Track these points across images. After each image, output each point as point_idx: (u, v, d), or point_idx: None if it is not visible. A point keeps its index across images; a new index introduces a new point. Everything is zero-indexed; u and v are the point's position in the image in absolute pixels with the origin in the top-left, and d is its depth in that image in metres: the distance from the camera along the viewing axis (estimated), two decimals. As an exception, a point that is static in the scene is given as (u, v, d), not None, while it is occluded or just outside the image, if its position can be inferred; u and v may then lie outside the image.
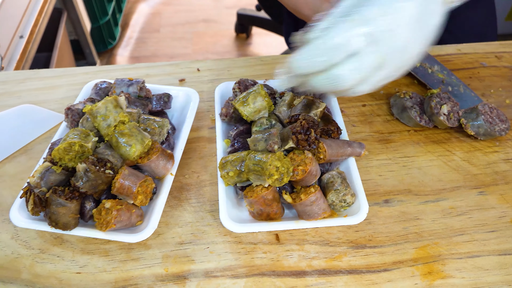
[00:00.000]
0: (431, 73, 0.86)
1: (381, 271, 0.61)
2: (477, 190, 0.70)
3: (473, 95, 0.84)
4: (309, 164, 0.62)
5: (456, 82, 0.86)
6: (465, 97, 0.84)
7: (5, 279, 0.60)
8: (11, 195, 0.70)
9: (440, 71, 0.88)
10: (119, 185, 0.61)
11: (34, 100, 0.86)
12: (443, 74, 0.87)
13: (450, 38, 1.03)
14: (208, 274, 0.60)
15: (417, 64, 0.86)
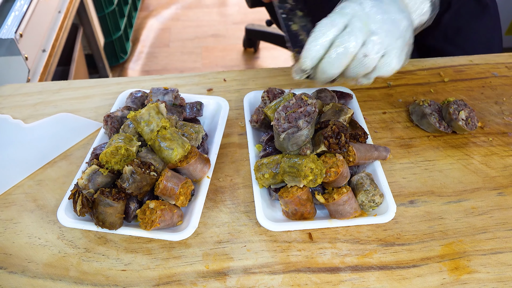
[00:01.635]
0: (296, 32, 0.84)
1: (410, 267, 0.64)
2: (496, 191, 0.74)
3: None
4: (341, 166, 0.66)
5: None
6: None
7: (54, 276, 0.64)
8: (54, 198, 0.74)
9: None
10: (163, 186, 0.65)
11: (70, 108, 0.90)
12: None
13: (458, 51, 1.08)
14: (247, 271, 0.64)
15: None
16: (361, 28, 0.61)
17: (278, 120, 0.68)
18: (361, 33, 0.61)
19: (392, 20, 0.63)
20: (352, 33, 0.61)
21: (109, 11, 2.32)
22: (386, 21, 0.63)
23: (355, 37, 0.61)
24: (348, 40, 0.61)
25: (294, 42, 0.79)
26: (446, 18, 1.04)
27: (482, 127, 0.85)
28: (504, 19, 2.46)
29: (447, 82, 0.96)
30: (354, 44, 0.61)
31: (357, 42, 0.61)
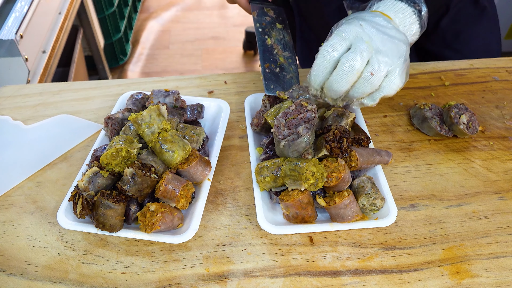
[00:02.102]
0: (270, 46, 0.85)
1: (411, 271, 0.64)
2: (497, 195, 0.74)
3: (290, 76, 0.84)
4: (343, 171, 0.66)
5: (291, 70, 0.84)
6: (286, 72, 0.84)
7: (54, 279, 0.63)
8: (54, 200, 0.74)
9: (286, 57, 0.85)
10: (164, 189, 0.65)
11: (71, 110, 0.90)
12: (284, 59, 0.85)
13: (456, 55, 1.08)
14: (247, 274, 0.64)
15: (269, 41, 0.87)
16: (366, 48, 0.64)
17: (278, 127, 0.67)
18: (366, 52, 0.63)
19: (393, 40, 0.66)
20: (357, 51, 0.63)
21: (109, 13, 2.32)
22: (387, 41, 0.65)
23: (360, 55, 0.63)
24: (354, 58, 0.63)
25: (265, 57, 0.81)
26: (444, 22, 1.04)
27: (483, 131, 0.85)
28: (503, 24, 2.47)
29: (448, 86, 0.96)
30: (360, 62, 0.63)
31: (363, 59, 0.63)
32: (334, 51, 0.65)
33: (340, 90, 0.66)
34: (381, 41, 0.65)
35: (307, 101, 0.69)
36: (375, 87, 0.65)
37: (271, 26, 0.86)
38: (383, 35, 0.66)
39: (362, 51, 0.63)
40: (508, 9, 2.41)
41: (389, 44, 0.65)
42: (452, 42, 1.07)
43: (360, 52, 0.63)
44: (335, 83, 0.66)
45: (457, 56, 1.07)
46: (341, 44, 0.65)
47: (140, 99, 0.83)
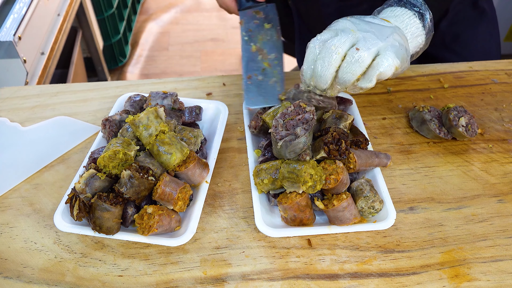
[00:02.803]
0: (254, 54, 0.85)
1: (410, 274, 0.63)
2: (497, 198, 0.74)
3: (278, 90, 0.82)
4: (341, 173, 0.65)
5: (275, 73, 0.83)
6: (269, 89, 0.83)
7: (50, 282, 0.63)
8: (51, 202, 0.73)
9: (271, 59, 0.85)
10: (161, 191, 0.64)
11: (68, 112, 0.90)
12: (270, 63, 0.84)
13: (455, 57, 1.08)
14: (245, 277, 0.63)
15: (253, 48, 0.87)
16: (350, 33, 0.65)
17: (276, 128, 0.67)
18: (351, 35, 0.65)
19: (378, 25, 0.67)
20: (341, 36, 0.65)
21: (108, 15, 2.32)
22: (374, 26, 0.66)
23: (344, 38, 0.65)
24: (339, 40, 0.64)
25: (248, 68, 0.82)
26: (443, 25, 1.04)
27: (482, 133, 0.85)
28: (502, 26, 2.48)
29: (447, 88, 0.96)
30: (343, 42, 0.64)
31: (346, 41, 0.64)
32: (321, 41, 0.66)
33: (326, 75, 0.66)
34: (367, 26, 0.66)
35: (306, 102, 0.69)
36: (365, 64, 0.65)
37: (258, 30, 0.86)
38: (371, 23, 0.67)
39: (347, 34, 0.64)
40: (507, 11, 2.41)
41: (375, 28, 0.66)
42: (451, 44, 1.07)
43: (344, 36, 0.64)
44: (319, 67, 0.66)
45: (456, 58, 1.07)
46: (327, 35, 0.66)
47: (138, 101, 0.82)
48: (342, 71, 0.66)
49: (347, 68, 0.65)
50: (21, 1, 1.34)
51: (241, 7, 0.91)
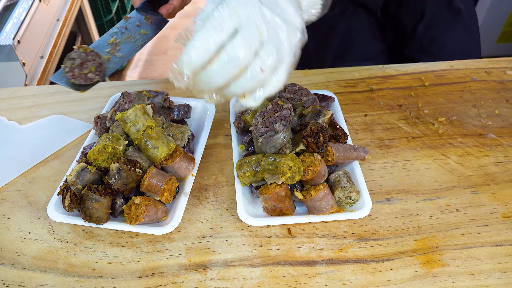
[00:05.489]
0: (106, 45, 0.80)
1: (384, 260, 0.67)
2: (470, 189, 0.77)
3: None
4: (318, 165, 0.69)
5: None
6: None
7: (43, 269, 0.66)
8: (45, 195, 0.77)
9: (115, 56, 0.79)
10: (148, 183, 0.68)
11: (64, 111, 0.94)
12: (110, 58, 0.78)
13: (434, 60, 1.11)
14: (227, 264, 0.67)
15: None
16: (257, 37, 0.52)
17: (256, 125, 0.71)
18: (256, 41, 0.52)
19: (289, 28, 0.56)
20: (246, 39, 0.52)
21: (107, 20, 2.37)
22: (283, 30, 0.55)
23: (248, 45, 0.52)
24: (240, 47, 0.51)
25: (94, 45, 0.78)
26: (420, 28, 1.08)
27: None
28: (494, 28, 2.51)
29: (428, 86, 1.00)
30: (245, 53, 0.52)
31: (251, 51, 0.52)
32: (221, 31, 0.51)
33: (217, 83, 0.54)
34: (277, 30, 0.54)
35: (283, 100, 0.73)
36: (261, 84, 0.55)
37: (132, 32, 0.81)
38: (281, 21, 0.55)
39: (253, 40, 0.52)
40: (499, 13, 2.45)
41: (285, 34, 0.55)
42: (428, 47, 1.10)
43: (249, 41, 0.51)
44: (214, 74, 0.52)
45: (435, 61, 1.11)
46: (230, 23, 0.51)
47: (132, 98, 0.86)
48: (236, 84, 0.54)
49: (243, 83, 0.54)
50: (21, 6, 1.39)
51: (139, 7, 0.85)
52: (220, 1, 0.53)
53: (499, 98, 0.96)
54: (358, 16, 1.20)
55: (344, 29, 1.20)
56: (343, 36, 1.20)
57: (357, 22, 1.21)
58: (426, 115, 0.92)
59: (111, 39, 0.80)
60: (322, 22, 1.20)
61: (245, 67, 0.53)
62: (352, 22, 1.20)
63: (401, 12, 1.18)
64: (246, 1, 0.52)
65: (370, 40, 1.21)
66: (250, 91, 0.56)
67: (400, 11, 1.18)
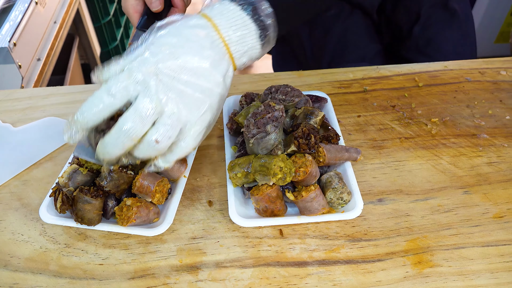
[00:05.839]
0: None
1: (375, 261, 0.67)
2: (463, 190, 0.77)
3: None
4: (310, 166, 0.69)
5: None
6: None
7: (35, 270, 0.67)
8: (38, 197, 0.77)
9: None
10: (139, 184, 0.68)
11: (58, 113, 0.94)
12: None
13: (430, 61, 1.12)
14: (218, 265, 0.67)
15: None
16: (153, 108, 0.53)
17: (248, 127, 0.71)
18: (152, 112, 0.54)
19: (194, 93, 0.56)
20: (139, 110, 0.53)
21: (105, 22, 2.38)
22: (186, 96, 0.56)
23: (140, 117, 0.53)
24: (129, 120, 0.53)
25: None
26: (416, 30, 1.08)
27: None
28: (492, 28, 2.51)
29: (422, 87, 1.00)
30: (135, 126, 0.53)
31: (143, 122, 0.54)
32: (115, 99, 0.53)
33: (115, 154, 0.56)
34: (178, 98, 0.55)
35: (275, 101, 0.73)
36: (162, 151, 0.58)
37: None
38: (187, 88, 0.56)
39: (147, 111, 0.53)
40: (497, 13, 2.45)
41: (189, 99, 0.56)
42: (424, 48, 1.11)
43: (142, 113, 0.53)
44: (110, 145, 0.55)
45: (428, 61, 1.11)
46: (124, 93, 0.54)
47: (122, 101, 0.86)
48: (137, 151, 0.57)
49: (142, 151, 0.57)
50: (17, 9, 1.40)
51: (139, 26, 0.79)
52: (124, 66, 0.55)
53: (493, 98, 0.96)
54: (354, 17, 1.21)
55: (340, 30, 1.20)
56: (340, 37, 1.20)
57: (353, 23, 1.21)
58: (419, 116, 0.92)
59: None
60: (318, 23, 1.21)
61: (138, 138, 0.54)
62: (348, 23, 1.21)
63: (397, 13, 1.18)
64: (147, 72, 0.54)
65: (366, 41, 1.21)
66: (158, 155, 0.59)
67: (396, 12, 1.19)
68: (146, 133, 0.55)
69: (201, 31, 0.57)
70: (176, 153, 0.59)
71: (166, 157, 0.60)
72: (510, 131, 0.88)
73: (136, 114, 0.53)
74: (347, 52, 1.20)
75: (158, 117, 0.55)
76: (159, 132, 0.55)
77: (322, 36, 1.21)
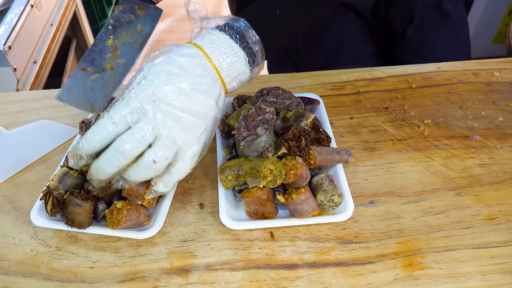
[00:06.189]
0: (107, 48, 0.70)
1: (365, 263, 0.67)
2: (454, 191, 0.77)
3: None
4: (300, 168, 0.69)
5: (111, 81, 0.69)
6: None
7: (25, 273, 0.67)
8: (30, 200, 0.77)
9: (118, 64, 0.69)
10: (129, 188, 0.68)
11: (51, 116, 0.94)
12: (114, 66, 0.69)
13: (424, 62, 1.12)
14: (209, 268, 0.67)
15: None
16: (149, 132, 0.58)
17: (239, 129, 0.71)
18: (148, 135, 0.58)
19: (191, 117, 0.61)
20: (133, 136, 0.57)
21: (102, 24, 2.38)
22: (182, 120, 0.60)
23: (137, 140, 0.57)
24: (126, 142, 0.57)
25: (88, 60, 0.68)
26: (409, 31, 1.08)
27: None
28: (490, 29, 2.51)
29: (415, 88, 1.00)
30: (131, 147, 0.57)
31: (140, 145, 0.58)
32: (116, 126, 0.58)
33: (109, 172, 0.60)
34: (174, 122, 0.59)
35: (266, 103, 0.73)
36: (159, 172, 0.61)
37: (128, 27, 0.72)
38: (181, 112, 0.59)
39: (144, 134, 0.57)
40: (495, 14, 2.45)
41: (184, 122, 0.60)
42: (418, 50, 1.11)
43: (139, 136, 0.57)
44: (104, 163, 0.59)
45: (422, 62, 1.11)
46: (124, 120, 0.58)
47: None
48: (134, 173, 0.60)
49: (139, 172, 0.60)
50: (13, 12, 1.40)
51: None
52: (123, 94, 0.60)
53: (486, 100, 0.96)
54: (348, 19, 1.21)
55: (334, 32, 1.20)
56: (334, 39, 1.21)
57: (348, 25, 1.21)
58: (412, 117, 0.92)
59: (109, 40, 0.71)
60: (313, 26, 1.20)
61: (134, 159, 0.58)
62: (342, 25, 1.21)
63: (391, 15, 1.18)
64: (144, 98, 0.58)
65: (361, 43, 1.21)
66: (157, 177, 0.63)
67: (390, 13, 1.18)
68: (143, 154, 0.58)
69: (193, 60, 0.62)
70: (175, 175, 0.63)
71: (165, 181, 0.64)
72: (502, 133, 0.88)
73: (133, 137, 0.57)
74: (341, 54, 1.20)
75: (156, 139, 0.59)
76: (156, 153, 0.58)
77: (317, 38, 1.22)
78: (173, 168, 0.63)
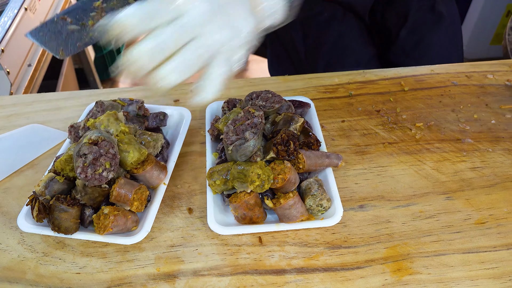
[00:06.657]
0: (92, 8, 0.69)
1: (354, 268, 0.66)
2: (445, 195, 0.76)
3: None
4: (288, 173, 0.68)
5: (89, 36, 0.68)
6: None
7: (12, 279, 0.66)
8: (18, 205, 0.77)
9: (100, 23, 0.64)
10: (116, 194, 0.68)
11: (41, 120, 0.94)
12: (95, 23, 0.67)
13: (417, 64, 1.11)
14: (196, 273, 0.66)
15: None
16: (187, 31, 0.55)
17: (227, 133, 0.71)
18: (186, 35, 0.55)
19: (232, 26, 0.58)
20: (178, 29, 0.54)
21: (99, 26, 2.38)
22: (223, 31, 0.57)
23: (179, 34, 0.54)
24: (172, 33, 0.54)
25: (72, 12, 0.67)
26: (403, 33, 1.08)
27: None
28: (488, 30, 2.51)
29: (407, 91, 0.99)
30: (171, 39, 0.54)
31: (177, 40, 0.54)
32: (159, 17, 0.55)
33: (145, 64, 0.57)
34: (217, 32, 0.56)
35: (255, 107, 0.72)
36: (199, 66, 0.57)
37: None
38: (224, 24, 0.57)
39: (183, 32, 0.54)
40: (493, 15, 2.45)
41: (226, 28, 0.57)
42: (411, 51, 1.10)
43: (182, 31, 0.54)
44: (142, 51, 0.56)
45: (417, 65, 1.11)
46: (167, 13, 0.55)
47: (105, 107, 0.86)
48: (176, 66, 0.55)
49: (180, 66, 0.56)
50: (6, 15, 1.40)
51: None
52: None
53: (479, 103, 0.96)
54: (347, 20, 1.20)
55: (334, 34, 1.20)
56: (334, 41, 1.20)
57: (347, 27, 1.20)
58: (404, 121, 0.91)
59: (98, 1, 0.70)
60: (312, 28, 1.20)
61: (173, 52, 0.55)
62: (342, 27, 1.20)
63: (387, 17, 1.18)
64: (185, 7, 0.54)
65: (361, 45, 1.21)
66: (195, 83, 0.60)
67: (386, 15, 1.18)
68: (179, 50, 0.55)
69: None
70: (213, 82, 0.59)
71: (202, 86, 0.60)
72: (495, 136, 0.87)
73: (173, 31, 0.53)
74: (342, 57, 1.20)
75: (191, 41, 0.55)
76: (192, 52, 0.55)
77: (316, 40, 1.21)
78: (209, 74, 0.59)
